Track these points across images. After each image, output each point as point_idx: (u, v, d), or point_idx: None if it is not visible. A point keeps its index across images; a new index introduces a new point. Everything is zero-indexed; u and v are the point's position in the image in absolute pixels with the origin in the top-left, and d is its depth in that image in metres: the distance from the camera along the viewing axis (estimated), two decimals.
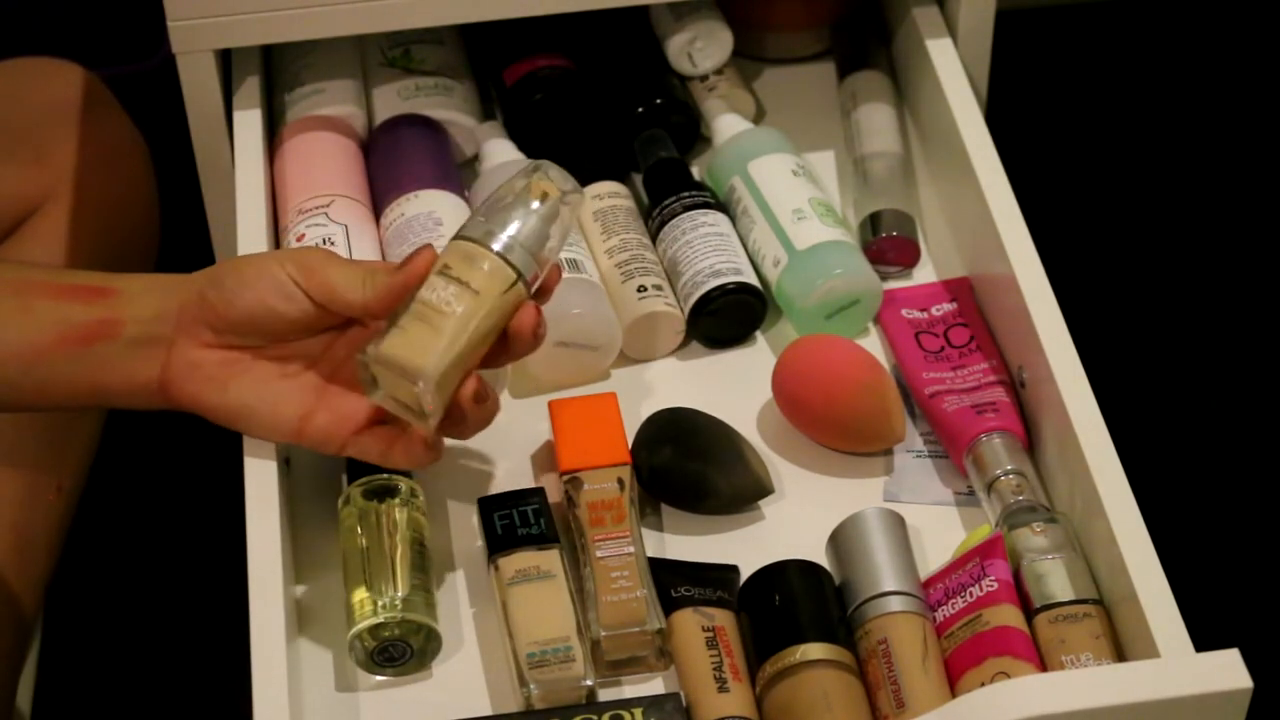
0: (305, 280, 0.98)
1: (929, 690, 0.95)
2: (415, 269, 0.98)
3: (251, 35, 1.18)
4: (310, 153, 1.22)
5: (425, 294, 0.98)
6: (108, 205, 1.30)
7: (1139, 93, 1.89)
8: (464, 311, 0.98)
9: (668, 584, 1.01)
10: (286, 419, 1.00)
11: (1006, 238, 1.10)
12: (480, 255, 0.98)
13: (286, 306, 0.98)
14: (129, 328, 0.98)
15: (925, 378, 1.12)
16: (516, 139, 1.24)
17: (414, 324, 0.97)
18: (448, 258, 0.99)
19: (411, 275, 0.98)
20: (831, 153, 1.29)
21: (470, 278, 0.98)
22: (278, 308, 0.98)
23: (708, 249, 1.16)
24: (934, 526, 1.07)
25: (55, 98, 1.31)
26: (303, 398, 1.00)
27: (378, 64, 1.29)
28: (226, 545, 1.16)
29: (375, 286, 0.98)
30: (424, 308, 0.97)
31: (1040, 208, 1.25)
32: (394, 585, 1.00)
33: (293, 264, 0.98)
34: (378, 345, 0.97)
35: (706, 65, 1.29)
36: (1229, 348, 1.70)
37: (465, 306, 0.98)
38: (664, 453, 1.07)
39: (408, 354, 0.97)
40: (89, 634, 1.53)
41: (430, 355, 0.97)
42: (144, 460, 1.61)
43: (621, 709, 0.95)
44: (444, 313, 0.97)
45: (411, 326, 0.97)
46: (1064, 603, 0.97)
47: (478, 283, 0.98)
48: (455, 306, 0.97)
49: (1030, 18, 1.91)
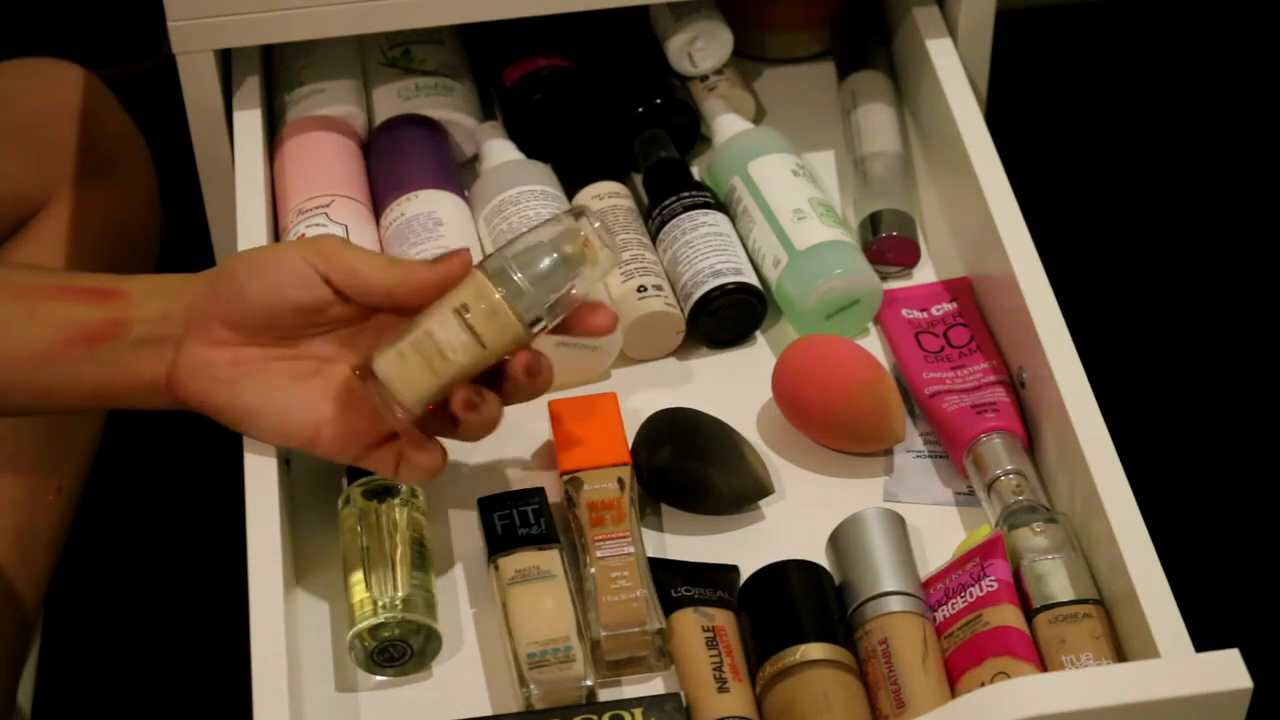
0: (324, 264, 0.97)
1: (929, 690, 0.95)
2: (451, 271, 0.96)
3: (251, 35, 1.18)
4: (310, 153, 1.22)
5: (436, 328, 0.96)
6: (108, 206, 1.30)
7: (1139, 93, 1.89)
8: (466, 364, 0.96)
9: (668, 584, 1.01)
10: (297, 425, 0.99)
11: (1006, 238, 1.10)
12: (501, 311, 0.96)
13: (301, 294, 0.97)
14: (136, 328, 0.98)
15: (925, 378, 1.12)
16: (516, 139, 1.24)
17: (414, 355, 0.96)
18: (468, 296, 0.96)
19: (447, 276, 0.96)
20: (831, 153, 1.29)
21: (484, 331, 0.96)
22: (293, 295, 0.97)
23: (708, 249, 1.16)
24: (934, 526, 1.07)
25: (55, 98, 1.31)
26: (315, 405, 0.99)
27: (378, 64, 1.29)
28: (226, 545, 1.16)
29: (405, 274, 0.96)
30: (429, 343, 0.96)
31: (1040, 208, 1.25)
32: (394, 585, 1.00)
33: (311, 250, 0.97)
34: (377, 353, 0.96)
35: (706, 65, 1.29)
36: (1229, 348, 1.70)
37: (469, 359, 0.96)
38: (664, 453, 1.07)
39: (397, 383, 0.95)
40: (89, 634, 1.53)
41: (418, 392, 0.96)
42: (144, 460, 1.61)
43: (621, 709, 0.95)
44: (447, 359, 0.96)
45: (411, 356, 0.96)
46: (1064, 603, 0.97)
47: (489, 338, 0.96)
48: (459, 357, 0.96)
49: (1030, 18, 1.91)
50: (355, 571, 1.01)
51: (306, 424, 0.99)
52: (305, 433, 0.99)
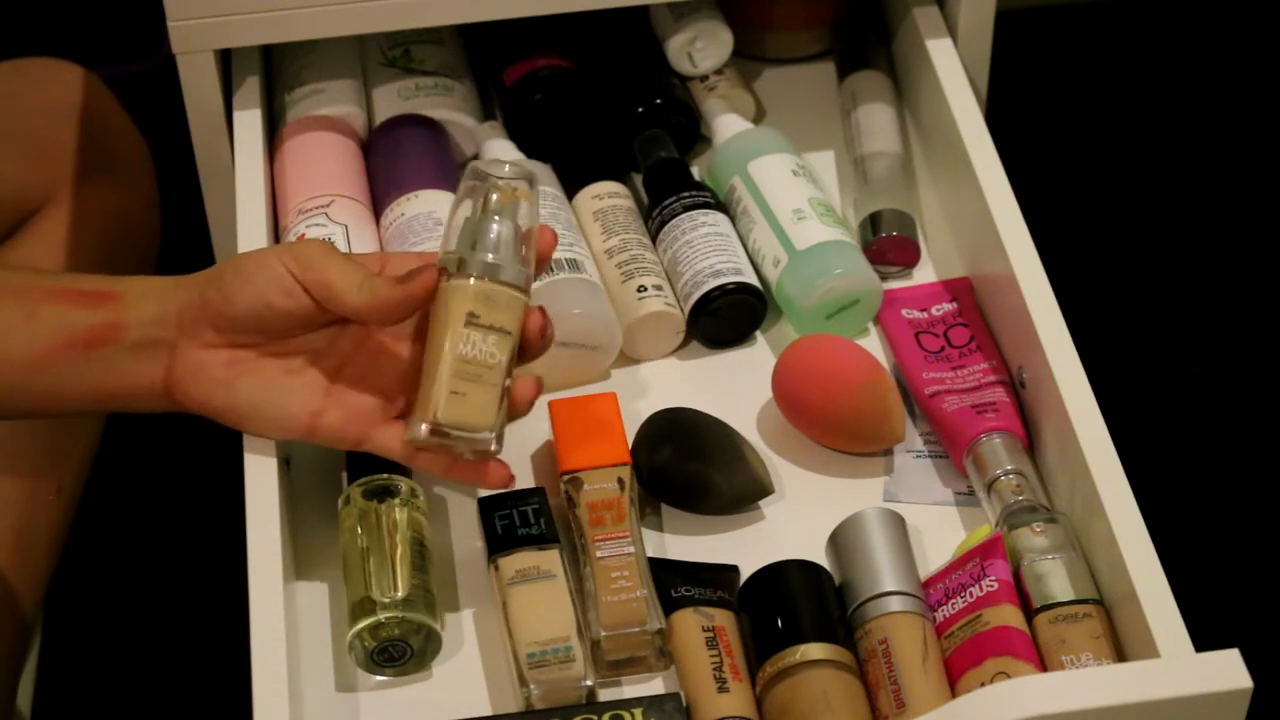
0: (303, 274, 0.97)
1: (929, 690, 0.95)
2: (418, 289, 0.97)
3: (251, 35, 1.18)
4: (310, 153, 1.22)
5: (465, 350, 0.97)
6: (108, 206, 1.30)
7: (1139, 93, 1.89)
8: (506, 359, 0.98)
9: (668, 584, 1.01)
10: (295, 416, 0.99)
11: (1006, 238, 1.10)
12: (501, 294, 0.97)
13: (285, 301, 0.97)
14: (131, 331, 0.98)
15: (925, 378, 1.12)
16: (516, 139, 1.24)
17: (466, 385, 0.97)
18: (466, 302, 0.97)
19: (414, 292, 0.97)
20: (831, 153, 1.29)
21: (502, 321, 0.97)
22: (276, 303, 0.97)
23: (708, 249, 1.16)
24: (934, 526, 1.07)
25: (55, 98, 1.31)
26: (310, 394, 1.00)
27: (378, 64, 1.29)
28: (226, 545, 1.16)
29: (374, 293, 0.97)
30: (470, 367, 0.97)
31: (1040, 208, 1.25)
32: (394, 585, 1.00)
33: (291, 257, 0.98)
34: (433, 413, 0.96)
35: (706, 65, 1.29)
36: (1229, 348, 1.70)
37: (507, 354, 0.98)
38: (664, 453, 1.07)
39: (471, 419, 0.97)
40: (89, 634, 1.53)
41: (490, 413, 0.97)
42: (144, 460, 1.60)
43: (621, 709, 0.95)
44: (491, 367, 0.97)
45: (465, 389, 0.97)
46: (1064, 603, 0.97)
47: (509, 323, 0.98)
48: (500, 356, 0.97)
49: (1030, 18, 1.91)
50: (355, 571, 1.01)
51: (303, 414, 0.99)
52: (303, 423, 0.99)
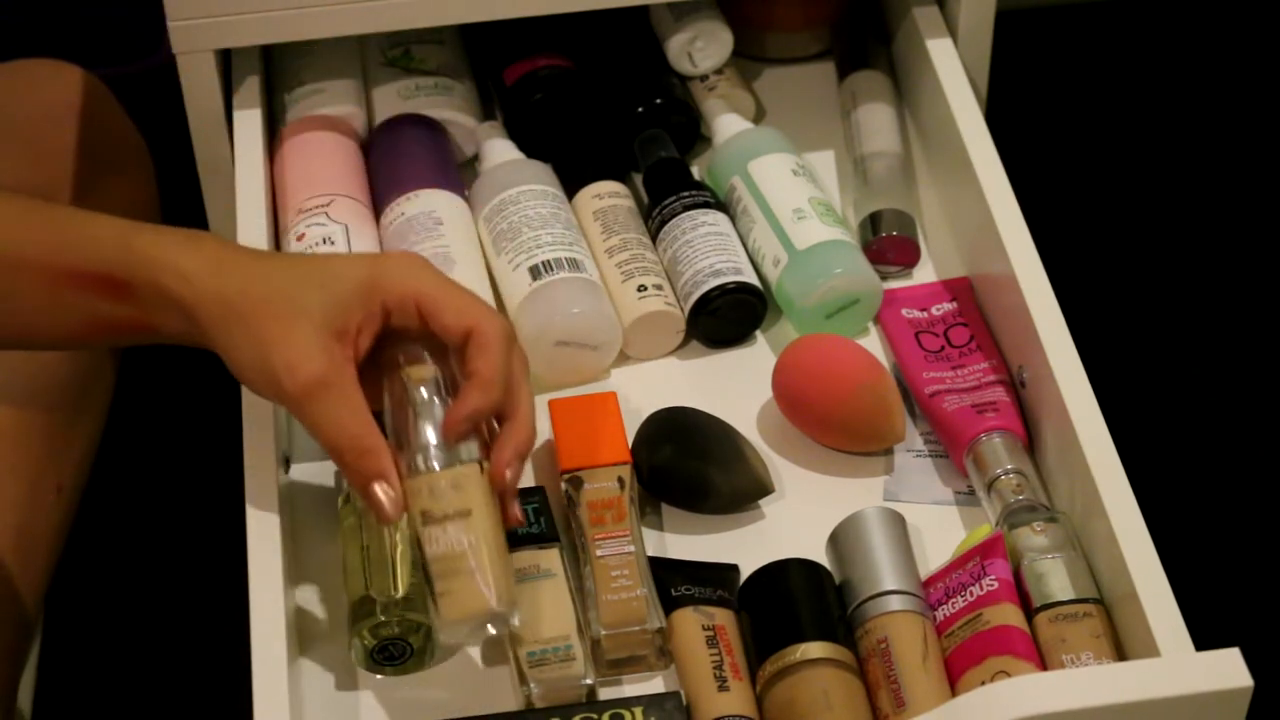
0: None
1: (929, 689, 0.95)
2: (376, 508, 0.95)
3: (251, 35, 1.18)
4: (310, 152, 1.22)
5: (435, 549, 0.93)
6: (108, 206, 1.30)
7: (1139, 93, 1.89)
8: (483, 530, 0.94)
9: (668, 583, 1.01)
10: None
11: (1006, 238, 1.10)
12: (436, 482, 0.94)
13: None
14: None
15: (925, 377, 1.12)
16: (516, 139, 1.24)
17: (453, 578, 0.93)
18: (422, 502, 0.93)
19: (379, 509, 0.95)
20: (831, 153, 1.29)
21: (456, 505, 0.94)
22: None
23: (708, 249, 1.16)
24: (934, 526, 1.07)
25: (55, 98, 1.31)
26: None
27: (378, 64, 1.29)
28: (226, 545, 1.16)
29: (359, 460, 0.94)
30: (449, 562, 0.93)
31: (1040, 208, 1.25)
32: (394, 585, 1.00)
33: None
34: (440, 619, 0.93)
35: (706, 65, 1.29)
36: (1229, 348, 1.70)
37: (481, 528, 0.94)
38: (664, 452, 1.07)
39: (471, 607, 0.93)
40: (89, 634, 1.53)
41: (485, 594, 0.93)
42: (144, 460, 1.60)
43: (622, 708, 0.95)
44: (472, 545, 0.93)
45: (452, 581, 0.93)
46: (1064, 602, 0.97)
47: (463, 501, 0.94)
48: (473, 535, 0.93)
49: (1030, 18, 1.91)
50: (355, 571, 1.01)
51: None
52: None
